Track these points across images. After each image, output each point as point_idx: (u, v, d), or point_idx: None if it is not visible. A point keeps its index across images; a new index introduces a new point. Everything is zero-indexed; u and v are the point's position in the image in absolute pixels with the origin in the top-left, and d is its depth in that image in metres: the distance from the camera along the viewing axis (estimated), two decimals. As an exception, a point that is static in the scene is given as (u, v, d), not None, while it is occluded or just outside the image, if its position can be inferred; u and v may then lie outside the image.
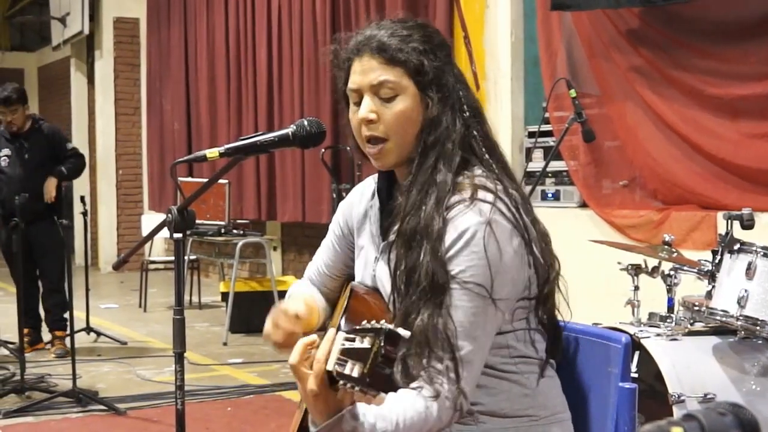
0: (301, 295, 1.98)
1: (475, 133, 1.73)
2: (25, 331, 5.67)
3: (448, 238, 1.61)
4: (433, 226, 1.61)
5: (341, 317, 1.78)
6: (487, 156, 1.72)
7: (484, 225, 1.60)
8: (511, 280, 1.64)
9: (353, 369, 1.31)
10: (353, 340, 1.34)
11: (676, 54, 4.57)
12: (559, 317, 1.79)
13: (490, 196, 1.64)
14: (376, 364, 1.27)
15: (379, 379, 1.28)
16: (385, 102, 1.70)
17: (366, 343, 1.30)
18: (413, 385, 1.56)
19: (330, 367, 1.37)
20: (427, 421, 1.54)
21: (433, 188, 1.65)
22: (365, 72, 1.70)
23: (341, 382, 1.34)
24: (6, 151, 6.03)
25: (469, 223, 1.61)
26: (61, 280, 6.00)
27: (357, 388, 1.30)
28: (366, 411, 1.48)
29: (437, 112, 1.69)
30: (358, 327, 1.34)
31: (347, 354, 1.34)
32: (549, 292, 1.71)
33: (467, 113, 1.73)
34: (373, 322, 1.32)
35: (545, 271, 1.69)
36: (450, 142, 1.68)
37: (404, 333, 1.30)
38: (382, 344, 1.28)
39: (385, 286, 1.74)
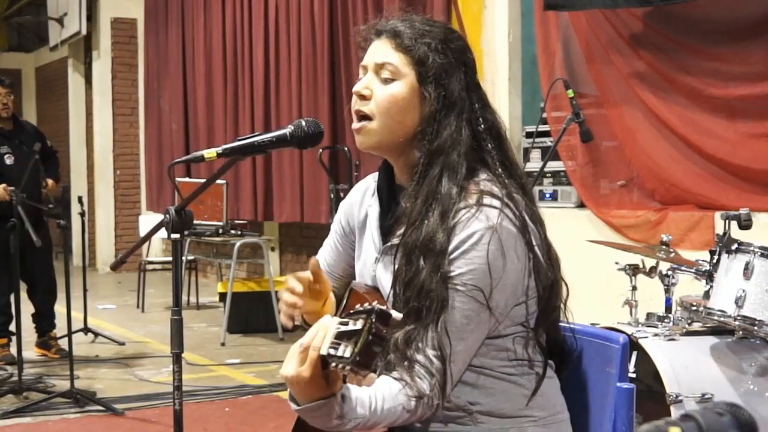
0: None
1: (489, 147, 1.72)
2: None
3: (453, 243, 1.61)
4: (436, 240, 1.61)
5: (339, 313, 1.78)
6: (500, 170, 1.70)
7: (490, 231, 1.60)
8: (512, 288, 1.64)
9: (345, 350, 1.33)
10: (347, 323, 1.36)
11: (674, 54, 4.57)
12: (563, 317, 1.79)
13: (496, 202, 1.63)
14: (367, 342, 1.30)
15: (370, 357, 1.31)
16: (383, 83, 1.72)
17: (358, 325, 1.33)
18: (395, 375, 1.58)
19: (323, 351, 1.39)
20: (403, 414, 1.57)
21: (437, 200, 1.65)
22: (375, 51, 1.75)
23: (333, 363, 1.36)
24: (6, 149, 5.92)
25: (476, 228, 1.61)
26: (55, 281, 6.05)
27: (348, 368, 1.32)
28: (350, 395, 1.51)
29: (434, 110, 1.69)
30: (351, 311, 1.36)
31: (340, 337, 1.37)
32: (549, 294, 1.71)
33: (481, 127, 1.72)
34: (365, 304, 1.34)
35: (546, 277, 1.69)
36: (455, 152, 1.67)
37: (395, 314, 1.32)
38: (374, 322, 1.30)
39: (385, 287, 1.74)
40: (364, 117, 1.73)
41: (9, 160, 5.88)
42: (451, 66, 1.72)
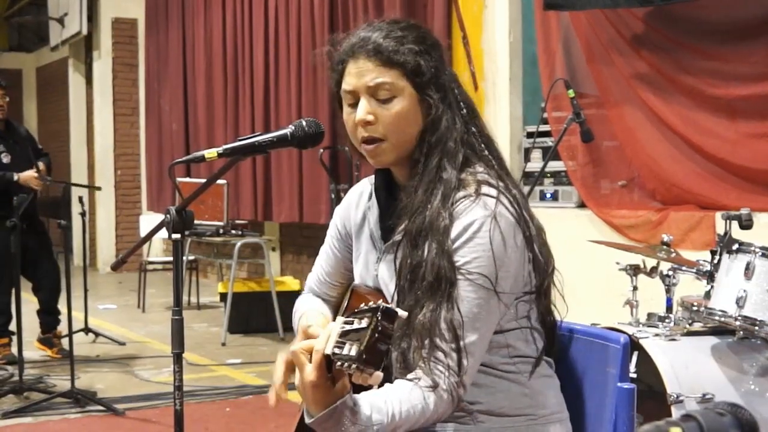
0: (312, 311, 1.95)
1: (473, 129, 1.75)
2: None
3: (454, 231, 1.62)
4: (439, 221, 1.63)
5: (342, 314, 1.78)
6: (486, 152, 1.74)
7: (489, 218, 1.62)
8: (514, 274, 1.65)
9: (351, 349, 1.32)
10: (351, 323, 1.35)
11: (675, 54, 4.56)
12: (556, 314, 1.79)
13: (494, 191, 1.66)
14: (373, 340, 1.29)
15: (376, 356, 1.29)
16: (382, 103, 1.70)
17: (364, 323, 1.32)
18: (410, 375, 1.57)
19: (328, 350, 1.38)
20: (424, 413, 1.54)
21: (438, 186, 1.67)
22: (361, 74, 1.70)
23: (338, 363, 1.35)
24: (1, 147, 5.92)
25: (475, 216, 1.62)
26: (60, 280, 6.03)
27: (354, 366, 1.30)
28: (362, 402, 1.49)
29: (439, 111, 1.70)
30: (356, 310, 1.35)
31: (345, 336, 1.35)
32: (546, 288, 1.72)
33: (464, 110, 1.75)
34: (370, 303, 1.33)
35: (543, 270, 1.70)
36: (452, 140, 1.70)
37: (401, 312, 1.32)
38: (379, 320, 1.29)
39: (389, 286, 1.74)
40: (375, 140, 1.71)
41: (6, 159, 5.91)
42: (438, 63, 1.73)
